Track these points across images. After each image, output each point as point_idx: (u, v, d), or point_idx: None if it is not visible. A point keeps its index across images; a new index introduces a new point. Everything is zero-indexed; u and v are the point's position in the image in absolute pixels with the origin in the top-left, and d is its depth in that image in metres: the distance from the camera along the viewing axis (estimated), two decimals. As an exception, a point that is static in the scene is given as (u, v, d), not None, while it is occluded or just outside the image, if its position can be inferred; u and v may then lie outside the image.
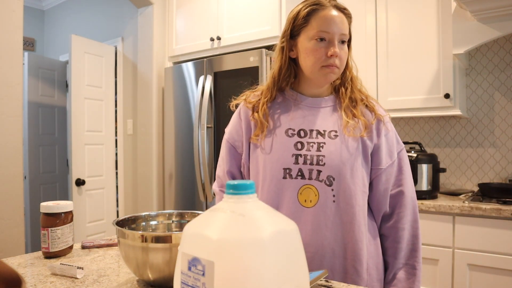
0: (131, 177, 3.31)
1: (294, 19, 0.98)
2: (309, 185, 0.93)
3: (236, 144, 1.06)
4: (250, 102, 1.04)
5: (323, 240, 0.92)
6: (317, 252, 0.92)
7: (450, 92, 2.01)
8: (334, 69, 0.94)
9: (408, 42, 2.13)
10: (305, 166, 0.93)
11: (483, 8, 1.80)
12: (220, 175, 1.09)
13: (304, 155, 0.94)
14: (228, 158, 1.07)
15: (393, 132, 1.01)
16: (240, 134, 1.05)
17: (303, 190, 0.93)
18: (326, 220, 0.92)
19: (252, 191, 0.51)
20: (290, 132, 0.97)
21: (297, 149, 0.95)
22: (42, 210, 1.00)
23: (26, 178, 3.38)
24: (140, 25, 2.97)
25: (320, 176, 0.92)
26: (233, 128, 1.08)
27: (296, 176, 0.94)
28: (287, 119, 0.99)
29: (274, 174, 0.95)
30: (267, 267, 0.45)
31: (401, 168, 0.99)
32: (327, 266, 0.92)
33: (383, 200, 0.98)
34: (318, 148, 0.94)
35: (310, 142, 0.95)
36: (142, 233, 0.73)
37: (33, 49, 4.17)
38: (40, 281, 0.81)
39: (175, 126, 2.71)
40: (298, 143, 0.95)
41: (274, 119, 1.01)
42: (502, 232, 1.65)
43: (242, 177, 1.07)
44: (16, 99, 2.06)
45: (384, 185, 0.97)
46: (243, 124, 1.04)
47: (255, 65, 2.27)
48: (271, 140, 0.98)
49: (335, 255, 0.92)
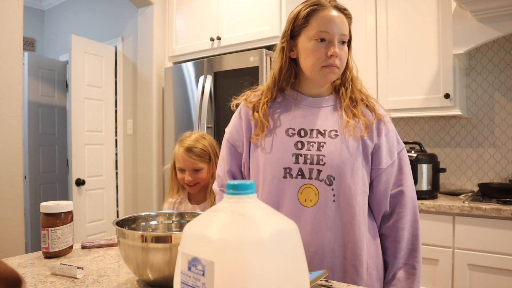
0: (131, 177, 3.31)
1: (294, 19, 0.98)
2: (309, 184, 0.93)
3: (236, 143, 1.06)
4: (251, 102, 1.04)
5: (323, 240, 0.92)
6: (317, 251, 0.92)
7: (450, 92, 2.01)
8: (334, 69, 0.95)
9: (408, 42, 2.13)
10: (305, 166, 0.93)
11: (483, 8, 1.80)
12: (220, 175, 1.09)
13: (305, 154, 0.94)
14: (229, 157, 1.07)
15: (393, 132, 1.01)
16: (241, 134, 1.05)
17: (303, 190, 0.93)
18: (326, 220, 0.92)
19: (252, 191, 0.51)
20: (290, 131, 0.97)
21: (298, 149, 0.95)
22: (42, 210, 1.00)
23: (26, 178, 3.38)
24: (140, 25, 2.97)
25: (320, 176, 0.92)
26: (234, 127, 1.08)
27: (296, 176, 0.94)
28: (288, 118, 0.99)
29: (275, 173, 0.96)
30: (267, 267, 0.45)
31: (401, 168, 0.99)
32: (327, 265, 0.92)
33: (383, 200, 0.97)
34: (319, 148, 0.94)
35: (311, 142, 0.95)
36: (142, 233, 0.73)
37: (33, 49, 4.17)
38: (40, 281, 0.81)
39: (175, 126, 2.71)
40: (299, 143, 0.96)
41: (274, 118, 1.01)
42: (502, 232, 1.65)
43: (243, 177, 1.07)
44: (16, 99, 2.06)
45: (384, 184, 0.97)
46: (243, 123, 1.05)
47: (255, 65, 2.27)
48: (272, 140, 0.98)
49: (335, 255, 0.92)
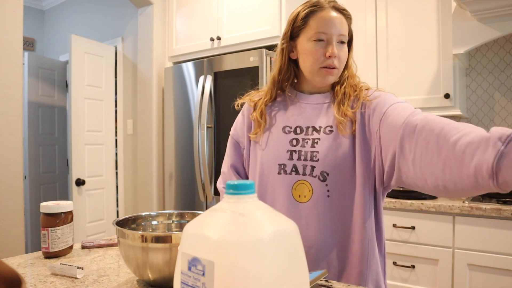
0: (131, 177, 3.31)
1: (294, 21, 1.00)
2: (303, 180, 0.94)
3: (240, 139, 1.11)
4: (253, 101, 1.09)
5: (318, 235, 0.93)
6: (312, 246, 0.93)
7: (450, 92, 2.01)
8: (333, 71, 0.95)
9: (408, 42, 2.13)
10: (299, 162, 0.95)
11: (483, 8, 1.80)
12: (224, 171, 1.14)
13: (299, 151, 0.96)
14: (233, 153, 1.12)
15: (379, 100, 0.92)
16: (243, 131, 1.10)
17: (297, 186, 0.95)
18: (320, 215, 0.93)
19: (252, 191, 0.51)
20: (287, 129, 1.00)
21: (292, 145, 0.97)
22: (42, 210, 1.00)
23: (26, 178, 3.38)
24: (140, 25, 2.97)
25: (314, 172, 0.93)
26: (237, 125, 1.13)
27: (290, 172, 0.96)
28: (285, 116, 1.02)
29: (270, 169, 0.98)
30: (267, 267, 0.45)
31: (388, 117, 0.87)
32: (323, 260, 0.93)
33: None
34: (313, 144, 0.95)
35: (306, 139, 0.97)
36: (142, 233, 0.73)
37: (33, 49, 4.18)
38: (40, 281, 0.81)
39: (175, 126, 2.71)
40: (294, 140, 0.98)
41: (271, 117, 1.04)
42: (502, 232, 1.65)
43: (246, 172, 1.11)
44: (16, 99, 2.06)
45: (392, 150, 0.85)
46: (245, 121, 1.10)
47: (255, 65, 2.27)
48: (267, 137, 1.02)
49: (330, 250, 0.93)
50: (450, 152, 0.71)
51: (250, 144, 1.08)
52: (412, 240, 1.86)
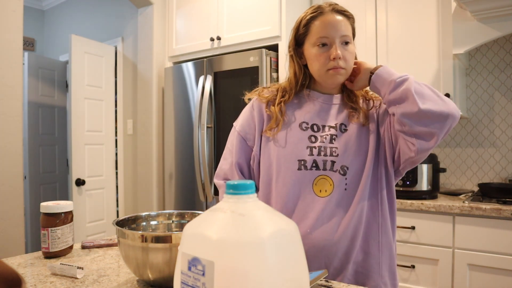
0: (131, 177, 3.31)
1: (297, 29, 1.04)
2: (324, 175, 0.98)
3: (247, 136, 1.08)
4: (265, 97, 1.08)
5: (337, 228, 0.96)
6: (331, 239, 0.96)
7: (450, 92, 2.01)
8: (340, 71, 0.98)
9: (408, 42, 2.13)
10: (320, 157, 0.98)
11: (483, 8, 1.80)
12: (225, 168, 1.10)
13: (318, 147, 0.99)
14: (238, 150, 1.08)
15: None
16: (253, 127, 1.08)
17: (318, 181, 0.98)
18: (338, 208, 0.96)
19: (252, 191, 0.51)
20: (304, 125, 1.03)
21: (311, 142, 1.00)
22: (42, 210, 1.00)
23: (26, 178, 3.38)
24: (140, 25, 2.97)
25: (334, 167, 0.97)
26: (245, 121, 1.09)
27: (311, 167, 0.98)
28: (301, 113, 1.05)
29: (289, 166, 0.99)
30: (267, 267, 0.45)
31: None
32: (342, 252, 0.96)
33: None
34: (331, 140, 0.99)
35: (323, 135, 1.00)
36: (142, 233, 0.74)
37: (33, 49, 4.18)
38: (40, 281, 0.81)
39: (175, 126, 2.71)
40: (312, 136, 1.01)
41: (288, 115, 1.05)
42: (502, 232, 1.65)
43: (250, 170, 1.09)
44: (16, 99, 2.06)
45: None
46: (256, 117, 1.07)
47: (255, 65, 2.27)
48: (285, 134, 1.03)
49: (349, 242, 0.96)
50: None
51: (261, 140, 1.06)
52: (412, 240, 1.86)
